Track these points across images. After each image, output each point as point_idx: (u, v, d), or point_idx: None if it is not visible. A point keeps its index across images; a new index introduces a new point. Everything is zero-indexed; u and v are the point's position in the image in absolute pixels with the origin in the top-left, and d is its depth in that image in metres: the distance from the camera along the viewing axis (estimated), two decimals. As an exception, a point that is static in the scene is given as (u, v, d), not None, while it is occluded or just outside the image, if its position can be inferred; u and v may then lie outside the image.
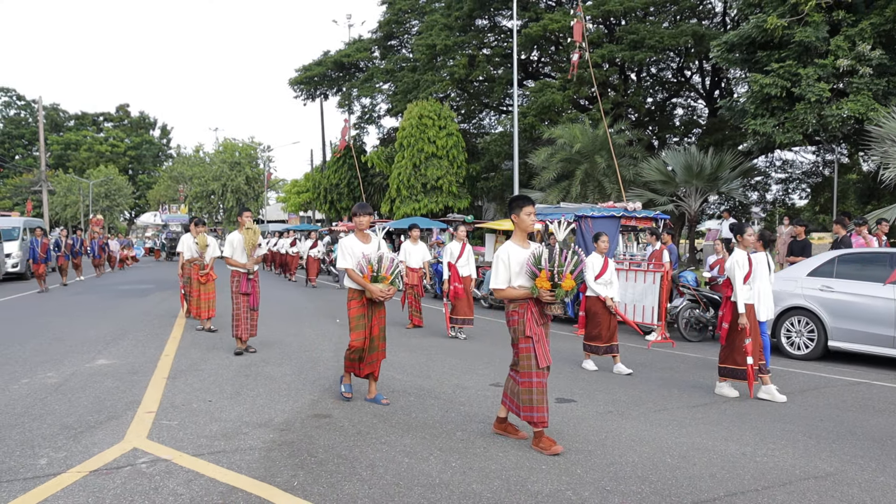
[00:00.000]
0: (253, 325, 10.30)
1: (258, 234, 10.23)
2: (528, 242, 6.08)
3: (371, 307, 7.22)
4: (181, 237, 13.97)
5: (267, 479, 4.97)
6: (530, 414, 5.75)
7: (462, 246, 12.67)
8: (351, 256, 7.18)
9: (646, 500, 4.72)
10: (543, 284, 5.65)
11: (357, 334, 7.15)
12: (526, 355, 5.77)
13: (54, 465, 5.24)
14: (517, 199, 6.10)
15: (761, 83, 17.88)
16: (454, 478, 5.07)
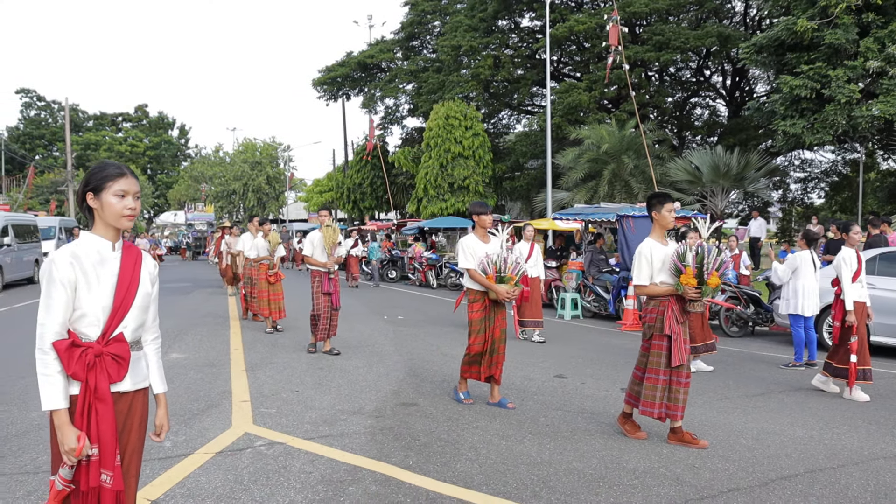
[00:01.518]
0: (333, 326, 10.15)
1: (338, 233, 10.13)
2: (666, 239, 6.09)
3: (493, 309, 7.08)
4: (241, 237, 13.78)
5: (382, 458, 5.42)
6: (650, 410, 5.83)
7: (531, 246, 12.22)
8: (473, 257, 7.02)
9: (734, 475, 5.15)
10: (689, 282, 5.67)
11: (477, 338, 7.01)
12: (657, 352, 5.85)
13: (179, 448, 5.69)
14: (658, 196, 6.13)
15: (791, 85, 18.23)
16: (553, 457, 5.51)
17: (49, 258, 2.80)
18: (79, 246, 2.89)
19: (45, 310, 2.78)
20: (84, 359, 2.76)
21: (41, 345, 2.77)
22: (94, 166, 2.97)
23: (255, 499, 4.61)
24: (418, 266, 23.89)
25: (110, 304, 2.84)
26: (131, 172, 2.96)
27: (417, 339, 11.68)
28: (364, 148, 39.21)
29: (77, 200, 3.00)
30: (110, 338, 2.86)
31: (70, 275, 2.78)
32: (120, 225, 2.90)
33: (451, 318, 14.32)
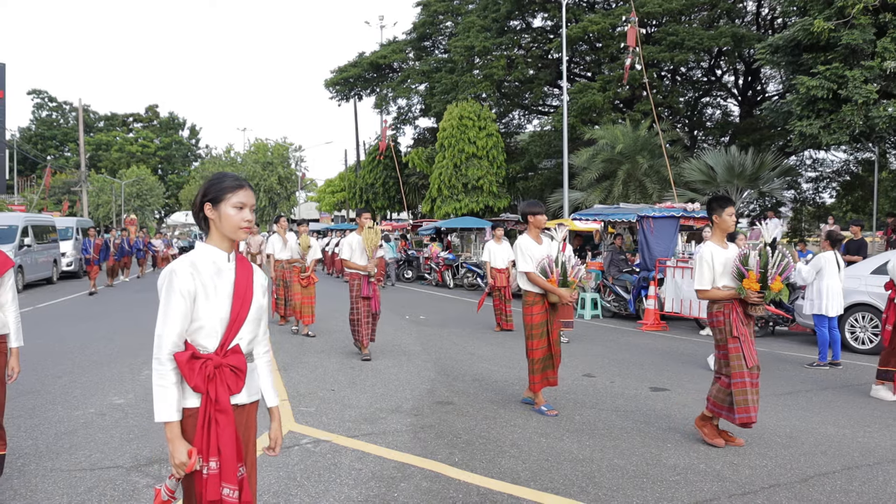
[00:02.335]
0: (373, 330, 9.96)
1: (379, 235, 9.89)
2: (726, 242, 6.05)
3: (551, 312, 6.97)
4: (270, 238, 13.51)
5: (428, 455, 5.56)
6: (748, 415, 5.70)
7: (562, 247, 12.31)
8: (531, 259, 6.92)
9: (773, 472, 5.28)
10: (752, 286, 5.64)
11: (539, 342, 6.89)
12: (735, 355, 5.74)
13: (227, 445, 5.83)
14: (719, 200, 6.08)
15: (808, 85, 18.28)
16: (594, 454, 5.65)
17: (168, 268, 2.80)
18: (197, 256, 2.87)
19: (164, 320, 2.75)
20: (204, 370, 2.73)
21: (158, 355, 2.74)
22: (212, 177, 2.98)
23: (311, 495, 4.75)
24: (435, 266, 24.02)
25: (227, 315, 2.83)
26: (248, 184, 2.96)
27: (443, 339, 11.81)
28: (377, 148, 39.38)
29: (193, 210, 2.97)
30: (227, 349, 2.83)
31: (190, 285, 2.77)
32: (237, 237, 2.90)
33: (474, 318, 14.45)
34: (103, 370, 8.99)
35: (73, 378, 8.52)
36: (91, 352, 10.38)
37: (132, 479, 5.07)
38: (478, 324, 13.75)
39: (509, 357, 10.18)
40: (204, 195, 2.91)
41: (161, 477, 5.08)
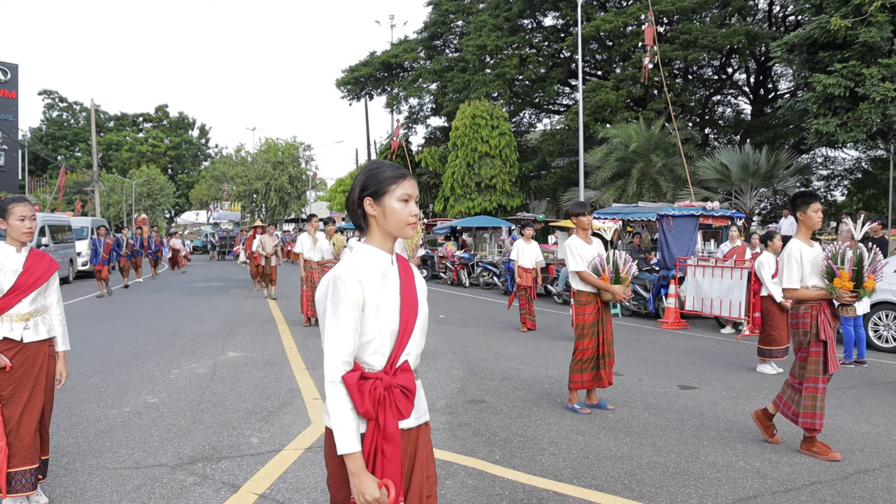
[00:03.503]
0: None
1: (420, 235, 9.55)
2: (811, 241, 5.88)
3: (604, 311, 7.00)
4: (299, 237, 13.38)
5: (468, 454, 5.61)
6: (812, 421, 5.61)
7: None
8: (582, 258, 6.90)
9: (812, 469, 5.31)
10: (845, 285, 5.44)
11: (589, 342, 6.87)
12: (815, 360, 5.61)
13: (267, 444, 5.89)
14: (804, 196, 5.87)
15: (824, 83, 18.28)
16: (633, 451, 5.69)
17: (332, 275, 2.47)
18: (361, 260, 2.51)
19: (334, 335, 2.41)
20: (374, 393, 2.41)
21: (333, 377, 2.41)
22: (369, 167, 2.63)
23: (358, 492, 4.79)
24: (450, 265, 24.07)
25: (397, 326, 2.50)
26: (410, 174, 2.63)
27: (466, 338, 11.86)
28: (388, 147, 39.46)
29: (349, 207, 2.63)
30: (397, 367, 2.51)
31: (359, 294, 2.43)
32: (403, 234, 2.56)
33: (495, 317, 14.51)
34: (132, 369, 9.06)
35: (104, 377, 8.60)
36: (118, 351, 10.46)
37: (178, 477, 5.13)
38: (499, 323, 13.80)
39: (535, 355, 10.23)
40: (363, 189, 2.57)
41: (207, 475, 5.14)
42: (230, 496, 4.74)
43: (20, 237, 4.52)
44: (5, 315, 4.44)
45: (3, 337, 4.42)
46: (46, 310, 4.71)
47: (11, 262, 4.50)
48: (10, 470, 4.35)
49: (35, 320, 4.57)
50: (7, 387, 4.40)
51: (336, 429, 2.38)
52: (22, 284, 4.49)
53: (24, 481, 4.40)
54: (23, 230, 4.50)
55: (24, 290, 4.50)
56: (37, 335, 4.55)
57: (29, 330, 4.52)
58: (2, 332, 4.42)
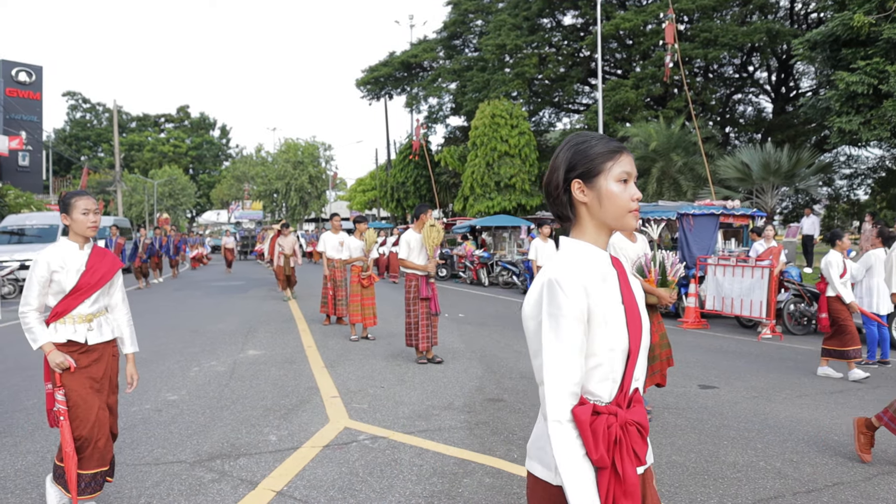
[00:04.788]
0: (434, 333, 9.45)
1: (441, 234, 9.37)
2: None
3: (651, 314, 6.48)
4: (322, 237, 13.13)
5: (486, 452, 5.60)
6: None
7: None
8: (625, 258, 6.48)
9: (834, 470, 5.25)
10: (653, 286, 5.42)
11: None
12: None
13: (285, 441, 5.91)
14: None
15: (847, 81, 18.11)
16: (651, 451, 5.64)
17: (546, 280, 1.95)
18: (577, 259, 2.01)
19: (557, 359, 1.89)
20: (610, 433, 1.89)
21: (559, 414, 1.87)
22: (575, 141, 2.10)
23: (376, 490, 4.80)
24: (469, 264, 24.06)
25: (627, 345, 1.99)
26: (626, 147, 2.10)
27: (484, 337, 11.84)
28: (408, 146, 39.52)
29: (551, 193, 2.10)
30: (630, 396, 2.01)
31: (583, 304, 1.92)
32: (623, 224, 2.05)
33: (514, 316, 14.50)
34: (152, 367, 9.11)
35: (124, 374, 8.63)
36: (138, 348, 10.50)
37: (197, 473, 5.15)
38: (518, 322, 13.75)
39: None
40: (570, 168, 2.05)
41: (225, 472, 5.15)
42: (248, 493, 4.76)
43: (84, 232, 4.25)
44: (67, 316, 4.24)
45: (67, 339, 4.22)
46: (111, 309, 4.51)
47: (74, 260, 4.27)
48: (82, 472, 4.19)
49: (98, 321, 4.36)
50: (76, 390, 4.19)
51: (571, 484, 1.85)
52: (84, 284, 4.26)
53: (95, 484, 4.26)
54: (87, 224, 4.22)
55: (86, 290, 4.27)
56: (101, 336, 4.35)
57: (93, 331, 4.31)
58: (65, 334, 4.22)
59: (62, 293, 4.22)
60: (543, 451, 2.00)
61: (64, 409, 4.16)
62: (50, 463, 5.38)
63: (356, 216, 13.32)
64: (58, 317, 4.22)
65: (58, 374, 4.15)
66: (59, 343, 4.19)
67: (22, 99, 51.49)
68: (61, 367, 4.13)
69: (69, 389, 4.18)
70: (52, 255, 4.22)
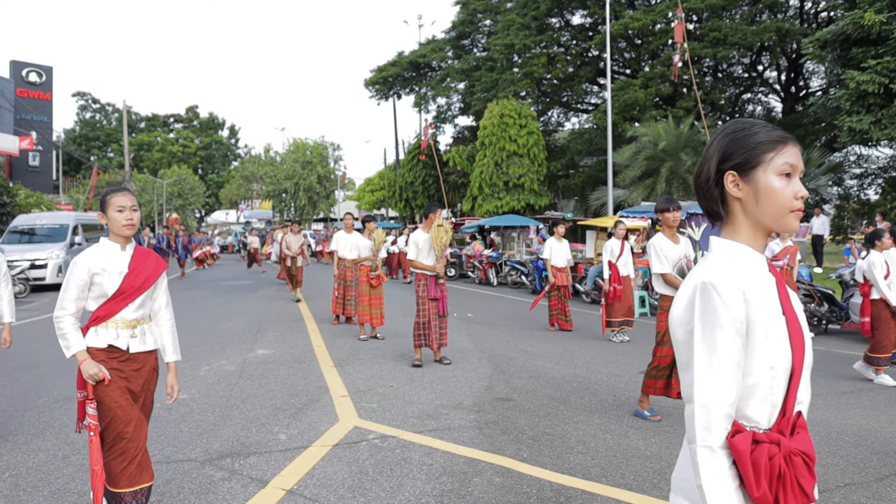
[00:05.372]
0: (443, 334, 9.38)
1: (450, 234, 9.30)
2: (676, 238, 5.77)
3: None
4: (335, 236, 12.99)
5: (496, 451, 5.59)
6: None
7: (621, 244, 11.77)
8: (667, 259, 6.46)
9: (846, 471, 5.23)
10: None
11: (668, 350, 6.39)
12: None
13: (295, 440, 5.91)
14: None
15: (858, 80, 18.03)
16: (662, 451, 5.64)
17: (699, 283, 1.73)
18: (735, 263, 1.78)
19: (710, 375, 1.68)
20: (773, 466, 1.65)
21: (711, 439, 1.66)
22: (733, 128, 1.88)
23: (386, 489, 4.80)
24: (478, 264, 24.05)
25: (790, 362, 1.74)
26: (793, 137, 1.87)
27: (493, 337, 11.83)
28: (417, 146, 39.53)
29: (701, 186, 1.90)
30: (793, 422, 1.75)
31: (742, 312, 1.69)
32: (784, 226, 1.80)
33: (522, 316, 14.47)
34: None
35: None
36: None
37: (207, 472, 5.16)
38: (527, 321, 13.75)
39: (564, 354, 10.18)
40: (724, 158, 1.84)
41: (235, 471, 5.16)
42: (258, 491, 4.77)
43: (121, 231, 3.95)
44: (110, 321, 3.95)
45: (108, 344, 3.94)
46: (154, 315, 4.22)
47: (116, 262, 3.97)
48: (119, 490, 3.91)
49: (142, 328, 4.08)
50: (112, 402, 3.90)
51: None
52: (128, 287, 3.97)
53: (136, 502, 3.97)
54: (122, 223, 3.92)
55: (130, 294, 3.98)
56: (143, 345, 4.07)
57: (136, 339, 4.03)
58: (106, 338, 3.94)
59: (104, 297, 3.94)
60: (691, 483, 1.77)
61: (94, 424, 3.85)
62: (61, 462, 5.41)
63: (365, 216, 13.25)
64: (99, 321, 3.95)
65: (90, 386, 3.86)
66: (98, 348, 3.92)
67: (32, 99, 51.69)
68: (94, 378, 3.83)
69: (106, 399, 3.88)
70: (93, 256, 3.94)
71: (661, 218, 6.72)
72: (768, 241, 12.82)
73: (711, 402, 1.65)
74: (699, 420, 1.66)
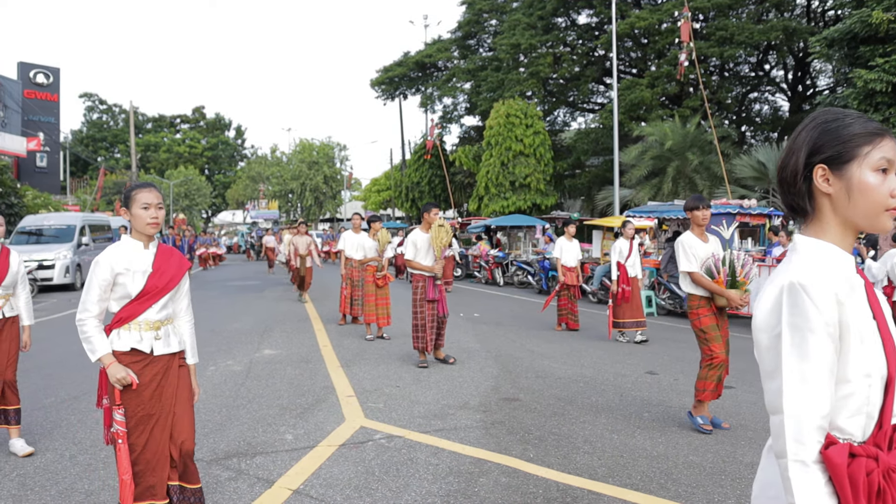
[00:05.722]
0: (441, 335, 9.32)
1: (450, 234, 9.11)
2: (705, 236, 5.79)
3: (720, 316, 6.32)
4: (342, 235, 13.09)
5: (502, 451, 5.59)
6: None
7: (630, 244, 11.58)
8: (695, 258, 6.30)
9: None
10: None
11: (718, 346, 6.18)
12: None
13: (301, 440, 5.92)
14: None
15: (866, 79, 17.95)
16: (668, 451, 5.63)
17: (787, 283, 1.63)
18: (825, 263, 1.68)
19: (801, 384, 1.58)
20: (871, 483, 1.55)
21: (803, 453, 1.56)
22: (823, 118, 1.75)
23: (392, 489, 4.80)
24: (484, 264, 24.04)
25: (886, 369, 1.64)
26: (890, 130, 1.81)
27: (500, 336, 11.83)
28: (423, 146, 39.55)
29: (786, 179, 1.77)
30: (891, 436, 1.64)
31: (834, 316, 1.60)
32: (877, 226, 1.70)
33: (528, 316, 14.47)
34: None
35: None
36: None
37: (213, 472, 5.16)
38: (534, 321, 13.74)
39: (570, 354, 10.16)
40: (814, 151, 1.72)
41: (242, 471, 5.17)
42: (264, 491, 4.77)
43: (144, 229, 3.78)
44: (133, 322, 3.79)
45: (131, 347, 3.78)
46: (175, 316, 4.05)
47: (139, 261, 3.82)
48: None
49: (166, 329, 3.91)
50: (137, 409, 3.75)
51: None
52: (152, 288, 3.81)
53: None
54: (147, 221, 3.75)
55: (154, 295, 3.82)
56: (167, 347, 3.90)
57: (160, 340, 3.86)
58: (129, 341, 3.78)
59: (127, 298, 3.79)
60: (781, 501, 1.64)
61: (123, 431, 3.69)
62: (68, 462, 5.43)
63: (370, 216, 13.24)
64: (121, 322, 3.78)
65: (117, 390, 3.70)
66: (122, 351, 3.76)
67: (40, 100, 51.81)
68: (122, 382, 3.66)
69: (132, 405, 3.74)
70: (115, 255, 3.78)
71: (690, 216, 6.59)
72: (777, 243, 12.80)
73: (803, 412, 1.55)
74: (789, 432, 1.56)
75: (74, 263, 21.48)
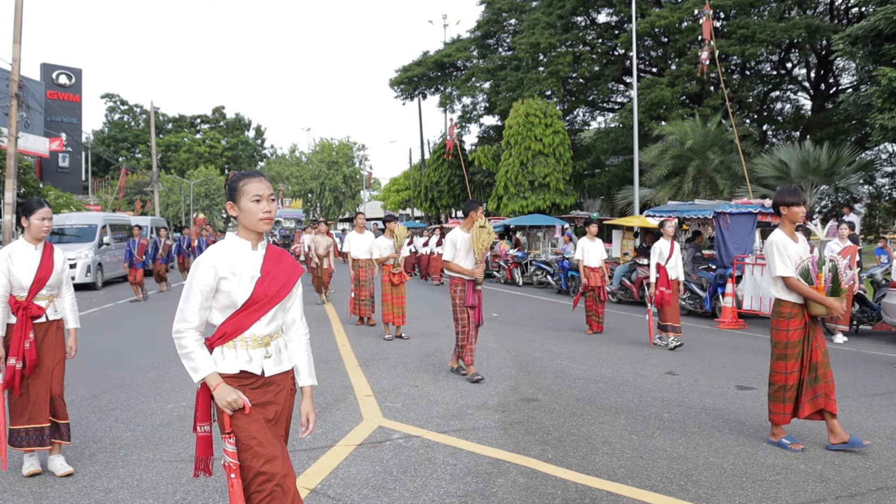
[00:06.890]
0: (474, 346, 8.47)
1: (493, 236, 8.36)
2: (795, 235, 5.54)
3: (812, 327, 5.68)
4: (347, 236, 13.09)
5: (520, 452, 5.55)
6: None
7: (671, 244, 10.89)
8: (790, 260, 5.61)
9: (878, 474, 5.13)
10: None
11: (794, 364, 5.62)
12: None
13: (319, 440, 5.90)
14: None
15: (890, 76, 17.74)
16: (688, 452, 5.57)
17: None
18: None
19: None
20: None
21: None
22: None
23: (410, 489, 4.78)
24: (503, 264, 23.99)
25: None
26: None
27: (518, 336, 11.78)
28: (442, 146, 39.53)
29: None
30: None
31: None
32: None
33: (548, 316, 14.43)
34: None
35: (160, 372, 8.73)
36: (173, 347, 10.52)
37: (232, 471, 5.15)
38: (553, 321, 13.70)
39: (590, 354, 10.11)
40: None
41: (260, 469, 5.16)
42: (282, 491, 4.75)
43: (256, 226, 3.22)
44: (239, 339, 3.21)
45: (240, 370, 3.19)
46: (286, 329, 3.43)
47: (247, 264, 3.24)
48: None
49: (276, 344, 3.31)
50: (251, 439, 3.14)
51: None
52: (261, 296, 3.21)
53: None
54: (259, 215, 3.19)
55: (264, 304, 3.23)
56: (279, 365, 3.30)
57: (270, 358, 3.26)
58: (237, 363, 3.19)
59: (232, 307, 3.21)
60: None
61: (235, 464, 3.12)
62: (87, 459, 5.45)
63: (386, 215, 13.20)
64: (225, 339, 3.21)
65: (227, 416, 3.13)
66: (229, 374, 3.18)
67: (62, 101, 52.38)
68: (233, 406, 3.10)
69: (243, 435, 3.14)
70: (219, 256, 3.21)
71: (785, 212, 5.77)
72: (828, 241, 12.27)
73: None
74: None
75: (96, 263, 21.64)
